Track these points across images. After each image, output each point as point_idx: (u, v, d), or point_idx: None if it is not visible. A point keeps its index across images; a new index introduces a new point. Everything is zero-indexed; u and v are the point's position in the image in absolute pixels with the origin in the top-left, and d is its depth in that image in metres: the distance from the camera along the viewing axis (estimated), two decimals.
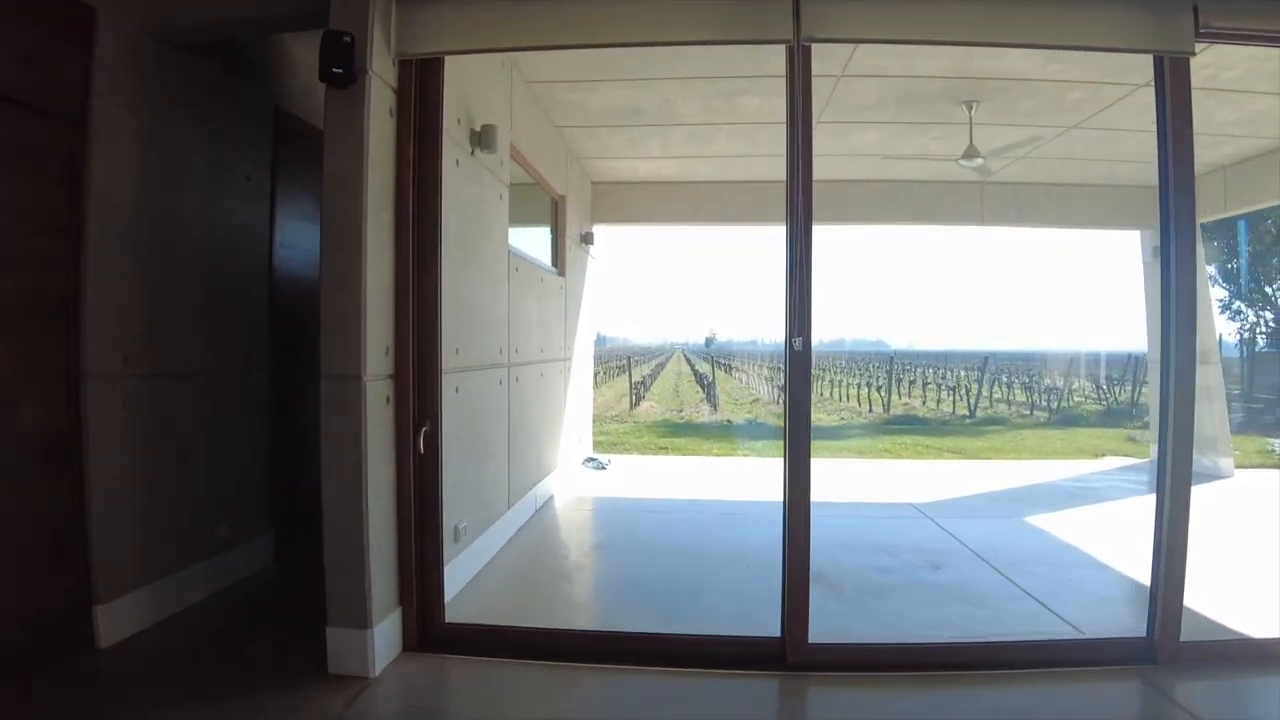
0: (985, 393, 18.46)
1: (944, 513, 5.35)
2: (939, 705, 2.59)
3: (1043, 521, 5.11)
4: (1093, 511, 5.51)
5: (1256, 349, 15.70)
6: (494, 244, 4.11)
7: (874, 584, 3.86)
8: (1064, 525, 4.98)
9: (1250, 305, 15.76)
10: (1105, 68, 4.32)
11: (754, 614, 3.17)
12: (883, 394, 19.37)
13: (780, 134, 5.78)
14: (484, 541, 3.87)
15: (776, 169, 7.01)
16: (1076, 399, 17.65)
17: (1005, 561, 4.16)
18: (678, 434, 10.86)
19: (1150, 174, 3.03)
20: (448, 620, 2.95)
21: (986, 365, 18.53)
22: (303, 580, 3.55)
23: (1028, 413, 16.99)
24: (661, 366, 35.18)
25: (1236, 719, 2.57)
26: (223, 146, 3.51)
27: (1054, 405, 16.57)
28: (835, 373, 28.91)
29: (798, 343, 2.80)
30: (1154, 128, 2.99)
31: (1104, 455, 8.29)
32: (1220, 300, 16.76)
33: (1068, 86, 4.74)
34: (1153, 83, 2.97)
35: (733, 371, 31.69)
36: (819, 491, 2.94)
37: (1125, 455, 8.18)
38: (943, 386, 20.51)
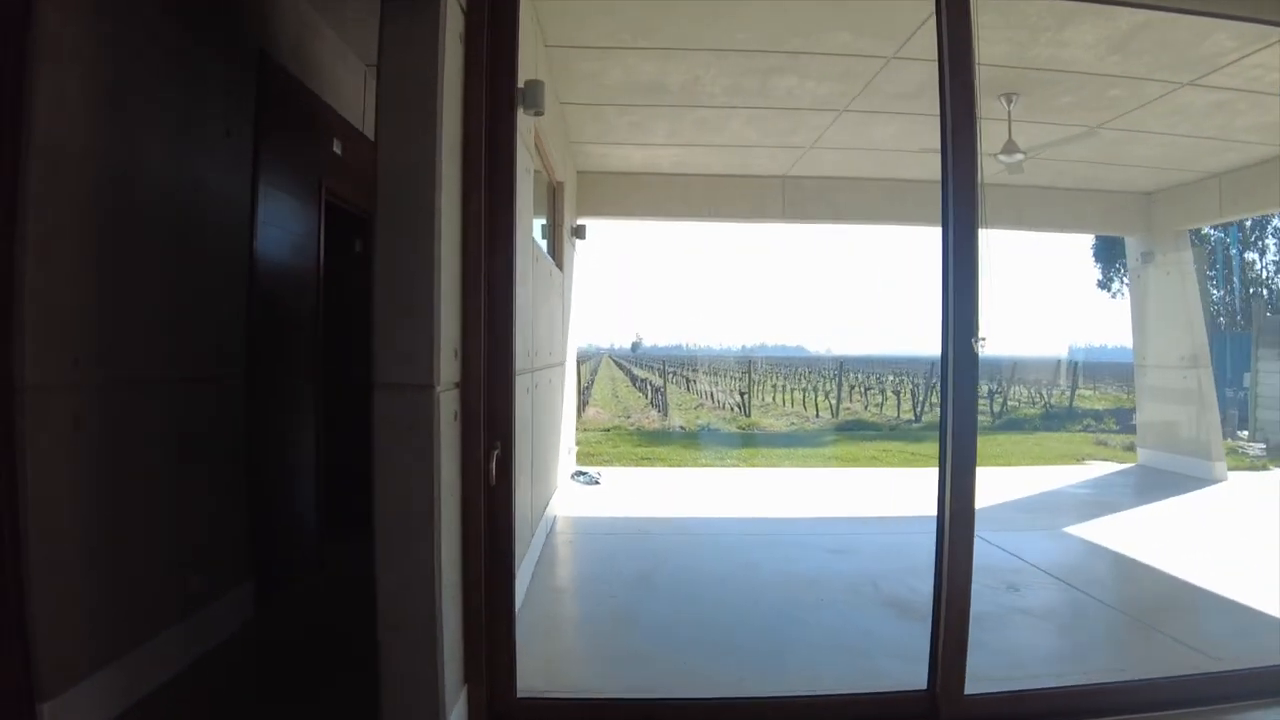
0: (922, 398, 18.82)
1: (979, 526, 5.03)
2: None
3: (1084, 532, 4.88)
4: (1124, 519, 5.35)
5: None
6: (520, 228, 3.47)
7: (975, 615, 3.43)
8: (1107, 535, 4.76)
9: None
10: (1157, 63, 4.12)
11: (865, 661, 2.82)
12: (830, 399, 19.48)
13: (802, 120, 5.50)
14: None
15: (780, 162, 6.73)
16: (1012, 403, 18.22)
17: (1082, 579, 3.87)
18: (656, 443, 10.31)
19: (1142, 179, 2.72)
20: (520, 695, 2.31)
21: (934, 371, 18.85)
22: (296, 641, 2.84)
23: None
24: (595, 371, 34.57)
25: None
26: (199, 92, 2.75)
27: (995, 409, 17.01)
28: (776, 378, 29.16)
29: (980, 344, 2.33)
30: (1177, 131, 2.70)
31: (1085, 460, 8.33)
32: None
33: (1110, 82, 4.53)
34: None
35: (670, 377, 31.47)
36: (833, 504, 2.51)
37: (1106, 460, 8.23)
38: (885, 391, 20.87)
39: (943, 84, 2.46)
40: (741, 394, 20.04)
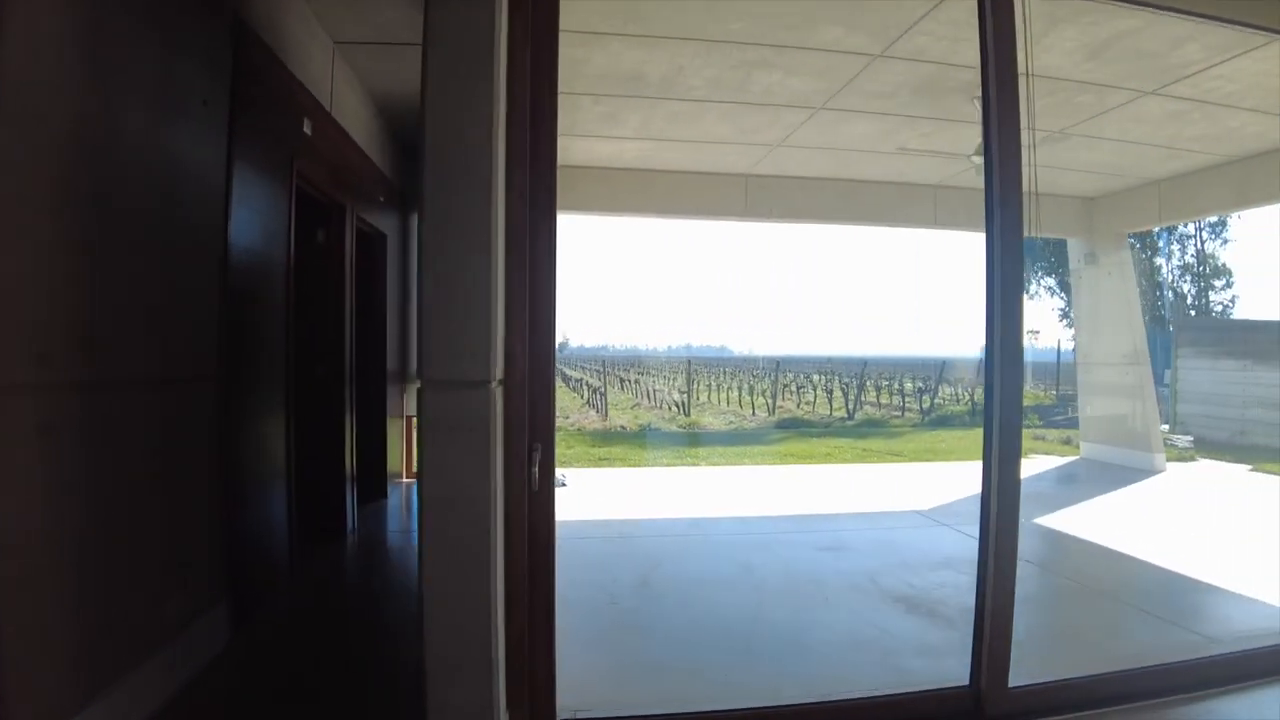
0: (856, 396, 19.35)
1: (955, 519, 5.15)
2: None
3: (1053, 523, 5.07)
4: (1086, 510, 5.58)
5: None
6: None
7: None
8: (1076, 526, 4.94)
9: None
10: (1126, 71, 4.30)
11: (889, 659, 2.83)
12: (767, 398, 19.78)
13: (776, 117, 5.48)
14: None
15: (745, 159, 6.71)
16: (939, 400, 18.96)
17: (1069, 569, 3.99)
18: (608, 443, 10.12)
19: (1087, 184, 2.83)
20: (563, 717, 2.13)
21: (865, 370, 19.45)
22: (281, 668, 2.57)
23: (899, 414, 18.00)
24: None
25: None
26: (176, 52, 2.43)
27: (924, 407, 17.66)
28: (707, 377, 29.39)
29: (1034, 338, 2.31)
30: (1130, 137, 2.85)
31: (1029, 454, 8.68)
32: (1059, 308, 18.85)
33: (1080, 88, 4.70)
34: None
35: (604, 376, 31.25)
36: (807, 502, 2.51)
37: (1049, 454, 8.63)
38: (817, 390, 21.34)
39: (986, 87, 2.44)
40: (681, 393, 20.09)
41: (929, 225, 7.50)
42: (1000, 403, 2.38)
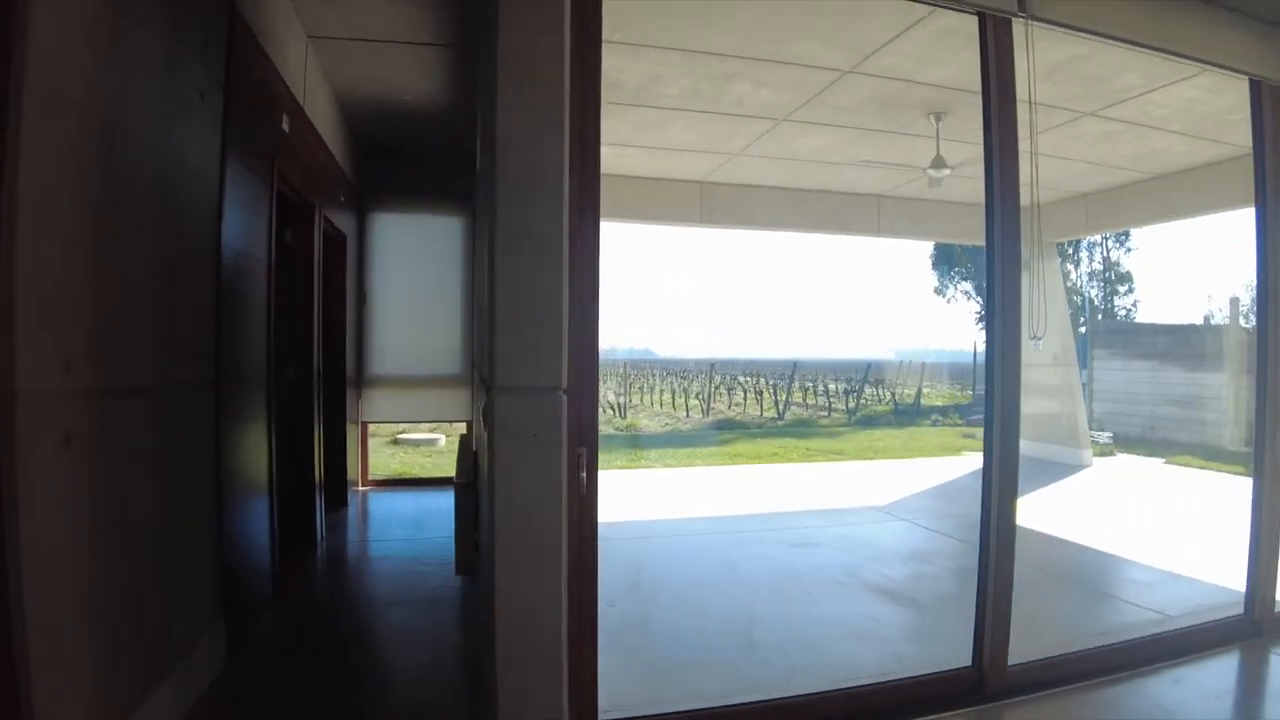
0: (785, 398, 19.93)
1: (911, 514, 5.43)
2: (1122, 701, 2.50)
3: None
4: (1027, 502, 5.93)
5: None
6: None
7: (955, 596, 3.67)
8: (1022, 518, 5.27)
9: None
10: (1071, 93, 4.66)
11: (885, 646, 3.01)
12: (700, 399, 20.08)
13: (740, 126, 5.64)
14: None
15: (703, 167, 6.85)
16: (864, 401, 19.74)
17: (1030, 558, 4.26)
18: None
19: (1022, 196, 3.09)
20: (602, 718, 2.15)
21: (795, 371, 20.03)
22: (284, 690, 2.48)
23: (826, 414, 18.64)
24: None
25: None
26: (176, 44, 2.31)
27: (850, 407, 18.36)
28: (639, 380, 29.54)
29: (1037, 344, 2.49)
30: (1065, 154, 3.18)
31: (962, 452, 9.21)
32: (976, 312, 19.99)
33: (1026, 108, 5.05)
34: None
35: None
36: (771, 500, 2.70)
37: (979, 451, 9.12)
38: (747, 392, 21.83)
39: (987, 107, 2.62)
40: (618, 395, 20.15)
41: (872, 233, 7.84)
42: (1000, 402, 2.56)
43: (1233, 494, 6.24)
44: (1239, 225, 9.32)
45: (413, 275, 6.15)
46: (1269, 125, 3.10)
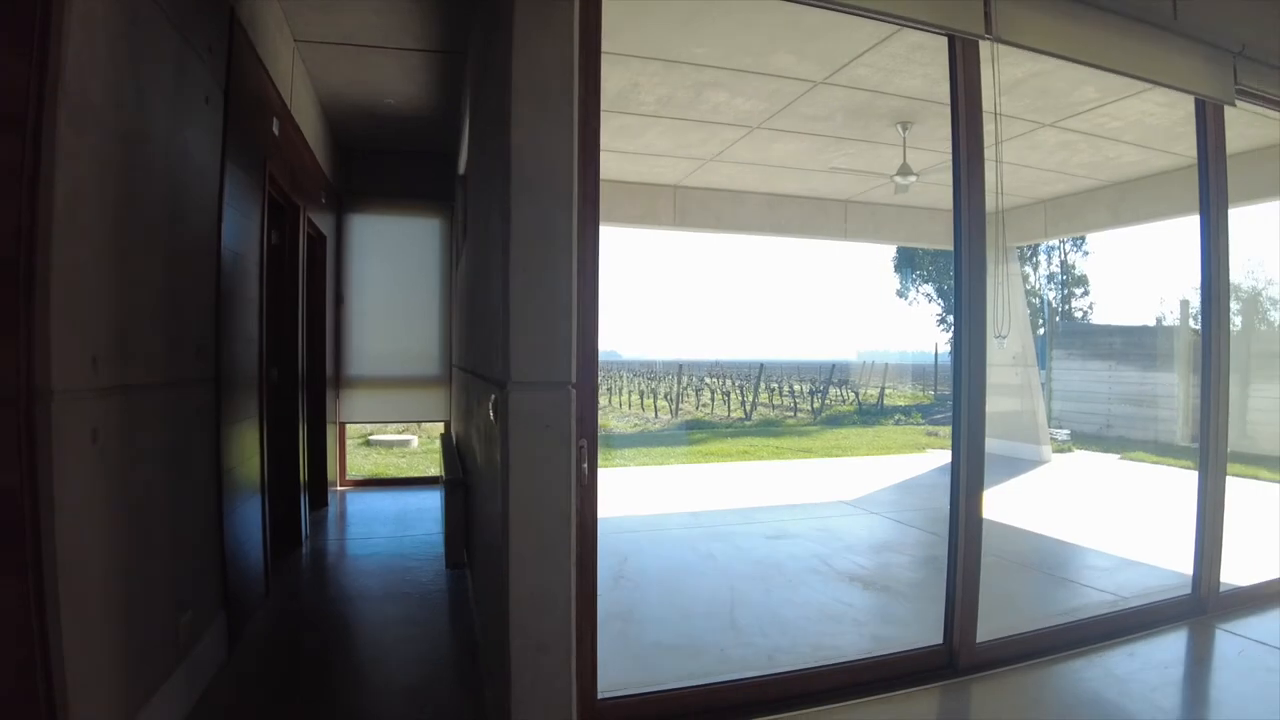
0: (752, 398, 20.24)
1: (879, 507, 5.65)
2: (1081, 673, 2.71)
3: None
4: (991, 495, 6.21)
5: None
6: None
7: (923, 582, 3.87)
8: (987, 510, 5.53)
9: None
10: (1031, 106, 4.93)
11: (860, 628, 3.20)
12: (668, 400, 20.26)
13: (715, 133, 5.80)
14: None
15: (677, 172, 7.00)
16: (829, 401, 20.15)
17: (995, 547, 4.50)
18: None
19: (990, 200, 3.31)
20: (600, 697, 2.27)
21: (762, 372, 20.33)
22: (289, 678, 2.55)
23: (791, 414, 18.98)
24: None
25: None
26: (185, 50, 2.37)
27: (815, 407, 18.72)
28: (607, 381, 29.63)
29: (1001, 342, 2.68)
30: (1025, 162, 3.39)
31: (926, 449, 9.53)
32: (937, 314, 20.55)
33: (988, 118, 5.31)
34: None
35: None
36: (744, 496, 2.87)
37: (941, 449, 9.47)
38: (715, 393, 22.08)
39: (955, 120, 2.81)
40: None
41: (839, 237, 8.09)
42: (967, 404, 2.74)
43: (1181, 487, 6.62)
44: (1189, 232, 9.80)
45: (390, 276, 6.19)
46: (1211, 140, 3.36)
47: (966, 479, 2.76)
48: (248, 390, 3.17)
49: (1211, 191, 3.40)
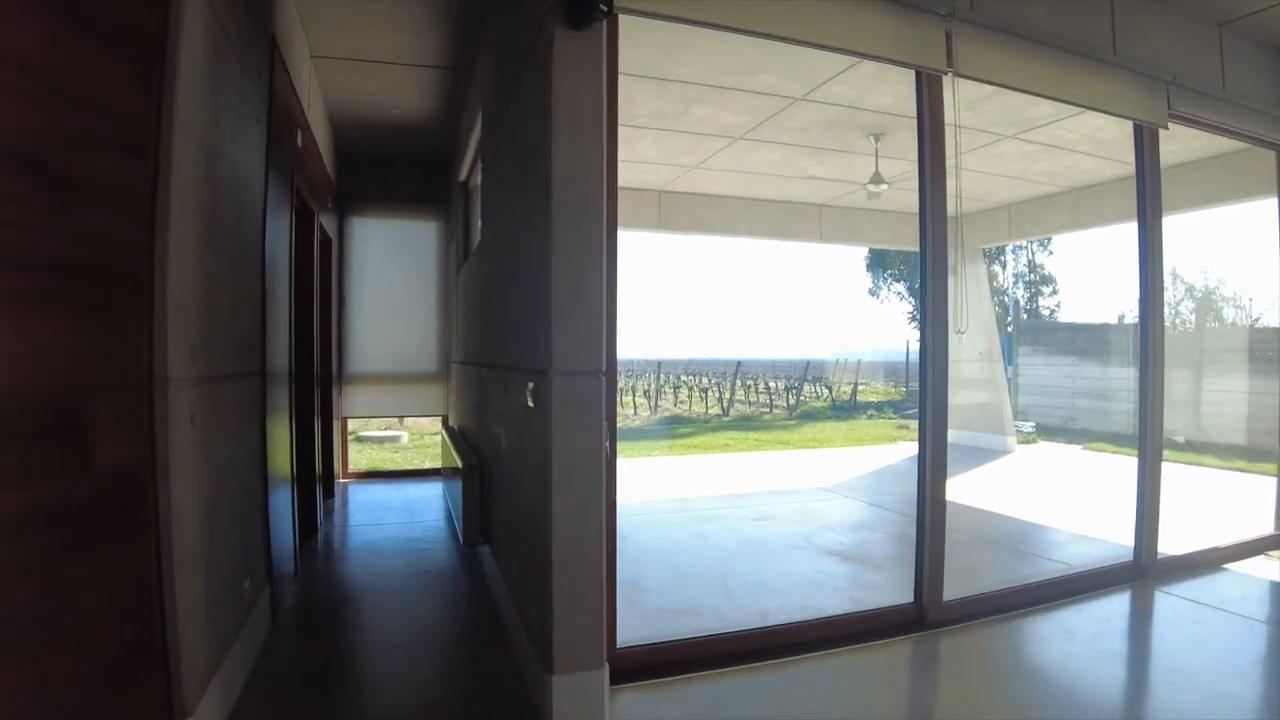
0: (730, 395, 20.67)
1: (856, 493, 6.05)
2: (1035, 625, 3.07)
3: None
4: (957, 481, 6.65)
5: None
6: None
7: (895, 556, 4.26)
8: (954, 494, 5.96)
9: None
10: (993, 120, 5.36)
11: (840, 594, 3.55)
12: (648, 397, 20.60)
13: (699, 143, 6.15)
14: None
15: (662, 178, 7.33)
16: (803, 398, 20.65)
17: (960, 525, 4.90)
18: None
19: (950, 206, 3.65)
20: (618, 645, 2.61)
21: (739, 370, 20.76)
22: (329, 643, 2.84)
23: (768, 410, 19.46)
24: None
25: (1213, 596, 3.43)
26: (244, 74, 2.65)
27: (790, 404, 19.21)
28: None
29: (961, 334, 3.06)
30: (989, 170, 3.78)
31: (897, 441, 10.00)
32: (908, 312, 21.14)
33: (953, 131, 5.74)
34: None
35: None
36: (729, 483, 3.21)
37: (912, 440, 9.95)
38: (693, 390, 22.48)
39: (921, 143, 3.19)
40: None
41: (815, 240, 8.50)
42: (932, 389, 3.12)
43: (1135, 474, 7.13)
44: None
45: (388, 277, 6.45)
46: (1147, 159, 3.80)
47: (932, 460, 3.13)
48: (281, 384, 3.44)
49: (1148, 202, 3.83)
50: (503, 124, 3.18)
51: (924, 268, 3.19)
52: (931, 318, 3.14)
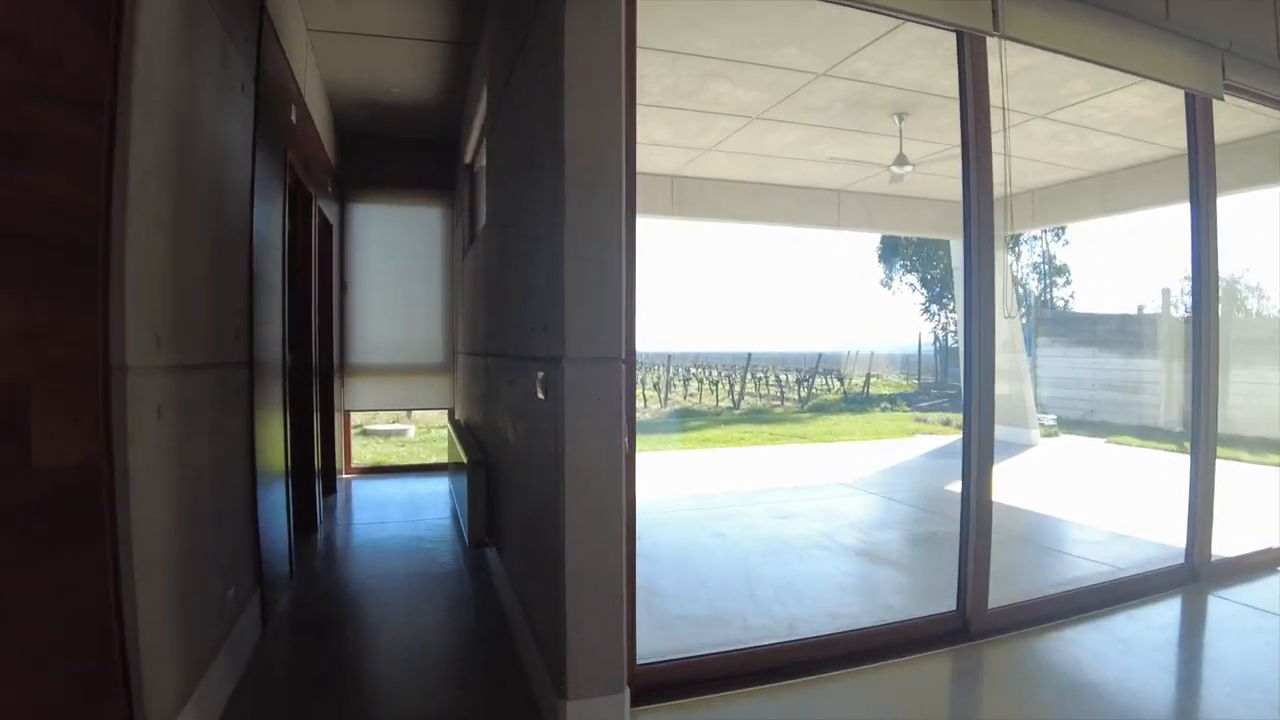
0: (740, 387, 20.40)
1: (878, 489, 5.80)
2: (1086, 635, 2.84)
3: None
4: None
5: (948, 344, 19.72)
6: None
7: (925, 556, 4.01)
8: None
9: (941, 308, 19.79)
10: (1024, 98, 5.07)
11: (872, 599, 3.32)
12: (659, 390, 20.38)
13: (714, 123, 5.89)
14: None
15: (674, 162, 7.07)
16: (815, 391, 20.37)
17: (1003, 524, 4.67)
18: None
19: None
20: (638, 661, 2.38)
21: (749, 363, 20.50)
22: (321, 656, 2.62)
23: (779, 403, 19.19)
24: None
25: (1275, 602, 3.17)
26: (227, 39, 2.42)
27: (802, 396, 18.94)
28: None
29: (1012, 318, 2.80)
30: (1016, 153, 3.53)
31: (915, 434, 9.74)
32: (921, 304, 20.82)
33: (1004, 94, 5.46)
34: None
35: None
36: (744, 480, 2.99)
37: (930, 434, 9.70)
38: (704, 382, 22.24)
39: (964, 111, 2.92)
40: None
41: (832, 226, 8.23)
42: (978, 381, 2.88)
43: (1166, 468, 6.86)
44: (1167, 221, 10.06)
45: (392, 265, 6.22)
46: (1201, 133, 3.51)
47: (977, 456, 2.88)
48: (273, 376, 3.22)
49: (1201, 181, 3.55)
50: (509, 94, 2.94)
51: (968, 246, 2.94)
52: (977, 301, 2.89)
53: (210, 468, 2.28)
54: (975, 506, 2.89)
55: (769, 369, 23.55)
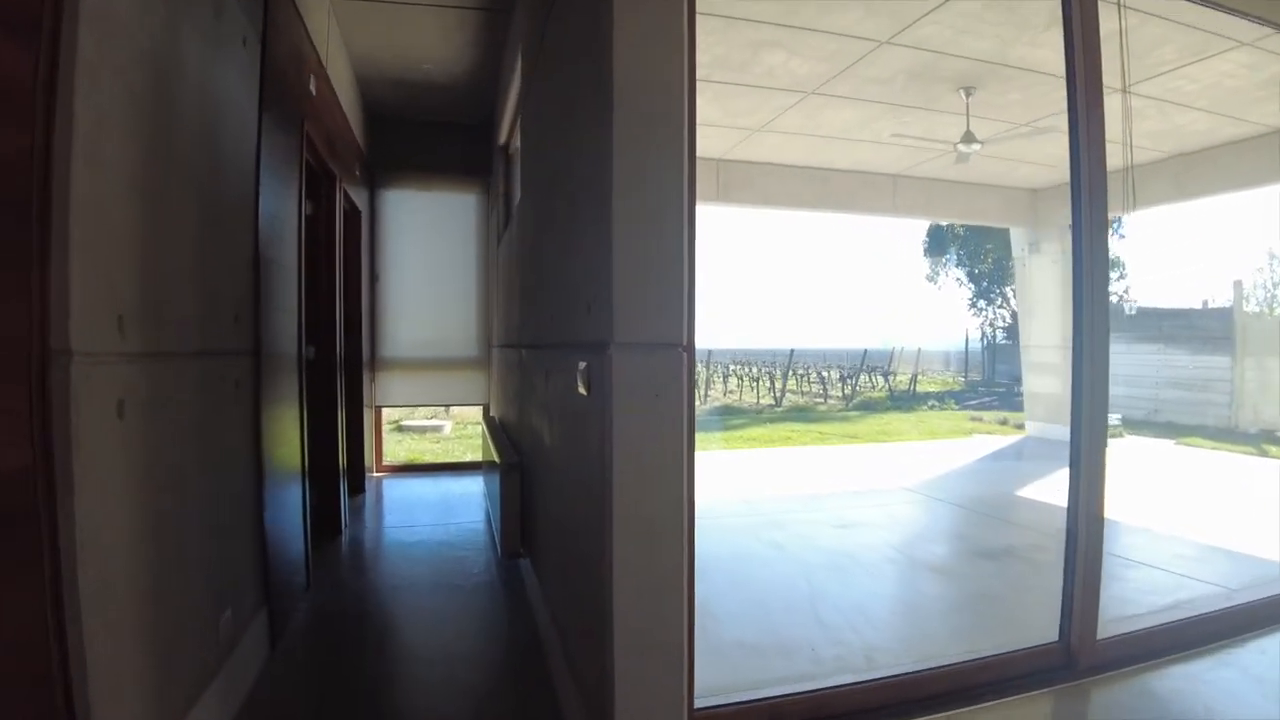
0: (782, 384, 19.84)
1: (944, 494, 5.34)
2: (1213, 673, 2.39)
3: (1032, 494, 5.31)
4: (1053, 483, 5.87)
5: (996, 341, 18.91)
6: None
7: (1007, 573, 3.56)
8: (1054, 496, 5.19)
9: (989, 303, 18.97)
10: (1107, 66, 4.54)
11: (942, 621, 2.92)
12: (700, 387, 19.96)
13: (766, 100, 5.47)
14: None
15: (719, 145, 6.67)
16: (858, 388, 19.73)
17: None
18: None
19: (1035, 177, 2.99)
20: (696, 706, 2.00)
21: (791, 359, 19.96)
22: (342, 679, 2.31)
23: (822, 400, 18.61)
24: None
25: None
26: None
27: (847, 394, 18.33)
28: None
29: (1132, 307, 2.36)
30: None
31: (972, 434, 9.16)
32: (968, 299, 20.01)
33: (1056, 84, 4.93)
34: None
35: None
36: (798, 482, 2.56)
37: (988, 434, 9.11)
38: (744, 380, 21.75)
39: (1070, 58, 2.50)
40: None
41: (888, 213, 7.73)
42: (1089, 379, 2.46)
43: (1247, 473, 6.23)
44: (1242, 209, 9.31)
45: (425, 254, 5.94)
46: None
47: (1088, 464, 2.45)
48: (287, 367, 2.93)
49: None
50: (544, 48, 2.59)
51: (1077, 221, 2.51)
52: (1089, 286, 2.46)
53: (201, 473, 1.98)
54: (1084, 522, 2.45)
55: (810, 366, 22.93)
